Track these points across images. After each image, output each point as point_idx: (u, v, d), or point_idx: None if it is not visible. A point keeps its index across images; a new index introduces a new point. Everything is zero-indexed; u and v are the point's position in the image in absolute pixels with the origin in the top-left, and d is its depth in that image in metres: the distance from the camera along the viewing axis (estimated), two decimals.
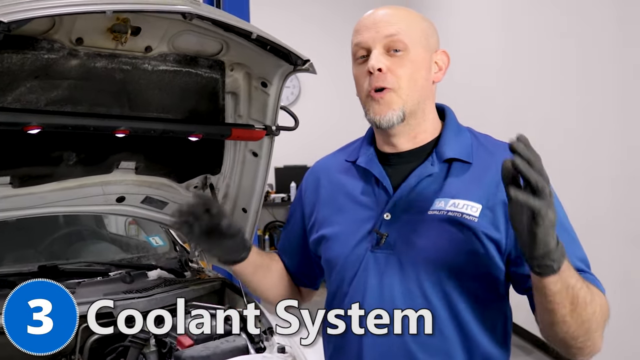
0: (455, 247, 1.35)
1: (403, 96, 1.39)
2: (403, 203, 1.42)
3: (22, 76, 1.97)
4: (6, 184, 2.25)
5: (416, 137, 1.47)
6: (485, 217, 1.35)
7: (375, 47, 1.39)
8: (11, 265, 2.65)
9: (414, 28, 1.41)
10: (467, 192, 1.38)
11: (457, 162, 1.42)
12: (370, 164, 1.49)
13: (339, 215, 1.51)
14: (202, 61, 2.30)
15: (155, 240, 3.17)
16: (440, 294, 1.37)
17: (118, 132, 2.14)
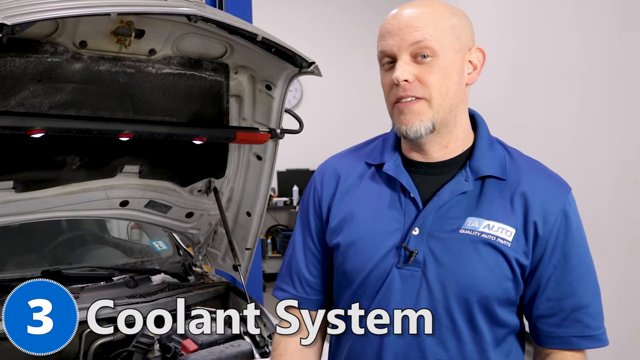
0: (487, 271, 1.30)
1: (434, 106, 1.30)
2: (434, 219, 1.34)
3: (25, 80, 1.96)
4: (9, 189, 2.24)
5: (447, 145, 1.37)
6: (517, 243, 1.31)
7: (401, 55, 1.29)
8: (14, 271, 2.63)
9: (443, 29, 1.29)
10: (501, 214, 1.32)
11: (491, 179, 1.35)
12: (398, 172, 1.38)
13: (360, 224, 1.39)
14: (206, 64, 2.30)
15: (159, 245, 3.15)
16: (465, 315, 1.32)
17: (122, 136, 2.13)
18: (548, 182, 1.36)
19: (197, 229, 2.87)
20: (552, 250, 1.32)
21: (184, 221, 2.80)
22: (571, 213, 1.34)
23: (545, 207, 1.32)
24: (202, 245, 2.93)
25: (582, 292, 1.34)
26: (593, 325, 1.35)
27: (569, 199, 1.35)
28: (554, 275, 1.32)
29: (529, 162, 1.41)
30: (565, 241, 1.32)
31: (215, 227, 2.88)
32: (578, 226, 1.36)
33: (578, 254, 1.34)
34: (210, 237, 2.91)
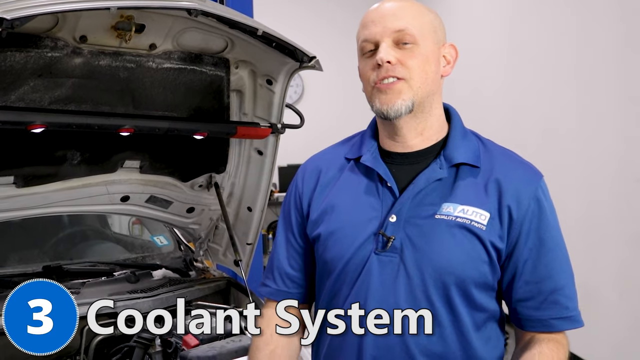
0: (463, 253, 1.33)
1: (414, 87, 1.35)
2: (410, 205, 1.38)
3: (25, 74, 1.96)
4: (10, 184, 2.24)
5: (423, 132, 1.42)
6: (492, 226, 1.34)
7: (384, 40, 1.35)
8: (15, 266, 2.63)
9: (423, 21, 1.37)
10: (476, 199, 1.36)
11: (465, 167, 1.39)
12: (375, 162, 1.43)
13: (339, 214, 1.44)
14: (207, 59, 2.29)
15: (160, 240, 3.15)
16: (444, 299, 1.35)
17: (122, 131, 2.13)
18: (521, 168, 1.41)
19: (198, 224, 2.86)
20: (527, 233, 1.36)
21: (185, 216, 2.80)
22: (544, 198, 1.39)
23: (519, 192, 1.36)
24: (203, 240, 2.93)
25: (558, 274, 1.38)
26: (570, 306, 1.38)
27: (542, 184, 1.40)
28: (530, 259, 1.36)
29: (502, 151, 1.45)
30: (540, 225, 1.36)
31: (217, 222, 2.87)
32: (551, 211, 1.40)
33: (552, 237, 1.38)
34: (212, 232, 2.91)
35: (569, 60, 4.68)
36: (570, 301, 1.39)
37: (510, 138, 5.59)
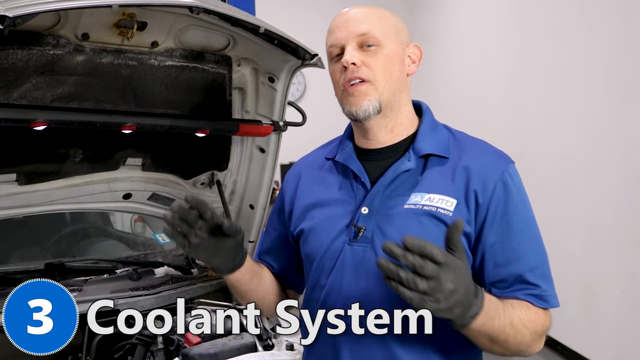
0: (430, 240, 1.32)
1: (379, 87, 1.42)
2: (380, 197, 1.44)
3: (27, 72, 1.96)
4: (12, 181, 2.24)
5: (393, 129, 1.49)
6: (459, 212, 1.39)
7: (349, 44, 1.42)
8: (17, 263, 2.64)
9: (385, 23, 1.45)
10: (442, 187, 1.41)
11: (433, 157, 1.45)
12: (348, 159, 1.51)
13: (318, 210, 1.53)
14: (209, 56, 2.29)
15: (162, 237, 3.15)
16: None
17: (125, 129, 2.13)
18: (488, 155, 1.46)
19: None
20: (493, 217, 1.39)
21: None
22: (510, 182, 1.42)
23: (485, 177, 1.40)
24: None
25: (527, 255, 1.40)
26: (542, 286, 1.40)
27: (509, 169, 1.44)
28: (498, 242, 1.39)
29: (472, 141, 1.51)
30: (506, 208, 1.40)
31: None
32: (520, 194, 1.44)
33: (520, 220, 1.41)
34: None
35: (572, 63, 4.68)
36: (542, 281, 1.41)
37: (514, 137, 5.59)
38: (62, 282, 2.37)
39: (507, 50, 5.72)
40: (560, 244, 4.85)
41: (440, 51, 7.43)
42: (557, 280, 1.38)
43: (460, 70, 6.88)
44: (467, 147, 1.47)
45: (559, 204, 4.86)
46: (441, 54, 7.41)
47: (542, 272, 1.42)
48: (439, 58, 7.48)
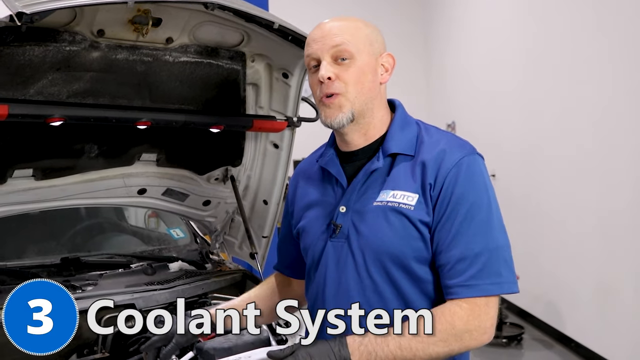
0: (394, 232, 1.50)
1: (351, 99, 1.52)
2: (355, 196, 1.57)
3: (44, 68, 1.98)
4: (29, 177, 2.27)
5: (367, 133, 1.59)
6: (420, 205, 1.49)
7: (324, 57, 1.52)
8: (34, 258, 2.66)
9: (358, 36, 1.53)
10: (405, 183, 1.52)
11: (400, 156, 1.56)
12: (329, 163, 1.64)
13: (309, 210, 1.68)
14: (223, 52, 2.30)
15: (176, 233, 3.17)
16: (384, 275, 1.52)
17: (140, 124, 2.15)
18: (445, 148, 1.53)
19: (214, 217, 2.88)
20: (441, 206, 1.48)
21: (201, 209, 2.82)
22: (461, 173, 1.49)
23: (438, 170, 1.50)
24: (219, 233, 2.94)
25: (468, 244, 1.46)
26: (475, 275, 1.44)
27: (464, 160, 1.50)
28: (443, 230, 1.48)
29: (438, 136, 1.59)
30: (452, 197, 1.48)
31: (232, 215, 2.89)
32: (470, 184, 1.49)
33: (468, 209, 1.47)
34: (227, 225, 2.92)
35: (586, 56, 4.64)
36: (477, 270, 1.45)
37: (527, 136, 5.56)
38: (78, 277, 2.42)
39: (522, 44, 5.70)
40: (576, 241, 4.83)
41: (455, 46, 7.40)
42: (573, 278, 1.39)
43: (475, 64, 6.85)
44: (431, 143, 1.56)
45: (574, 201, 4.83)
46: (456, 49, 7.39)
47: (480, 260, 1.45)
48: (454, 53, 7.46)
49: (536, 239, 5.42)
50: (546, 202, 5.25)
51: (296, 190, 1.77)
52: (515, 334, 5.17)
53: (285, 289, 1.91)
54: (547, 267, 5.25)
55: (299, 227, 1.71)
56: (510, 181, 5.85)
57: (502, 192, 6.01)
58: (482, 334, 1.44)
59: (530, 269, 5.38)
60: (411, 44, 8.14)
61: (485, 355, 4.89)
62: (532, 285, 5.32)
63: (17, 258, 2.65)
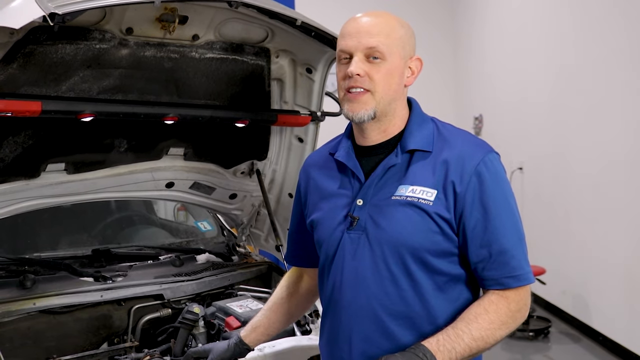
0: (412, 226, 1.55)
1: (377, 98, 1.56)
2: (372, 190, 1.61)
3: (75, 66, 2.04)
4: (61, 170, 2.33)
5: (386, 130, 1.63)
6: (439, 201, 1.55)
7: (357, 54, 1.55)
8: (66, 249, 2.73)
9: (392, 38, 1.56)
10: (424, 179, 1.57)
11: (418, 152, 1.60)
12: (347, 157, 1.67)
13: (324, 202, 1.72)
14: (248, 48, 2.34)
15: (204, 225, 3.23)
16: (401, 266, 1.57)
17: (167, 119, 2.20)
18: (466, 147, 1.59)
19: (241, 210, 2.93)
20: (472, 204, 1.54)
21: (228, 202, 2.87)
22: (485, 171, 1.55)
23: (462, 168, 1.55)
24: (245, 226, 2.99)
25: (504, 237, 1.55)
26: (517, 265, 1.55)
27: (485, 159, 1.57)
28: (478, 226, 1.55)
29: (455, 134, 1.64)
30: (482, 195, 1.54)
31: (258, 208, 2.93)
32: (495, 181, 1.56)
33: (497, 205, 1.55)
34: (254, 218, 2.97)
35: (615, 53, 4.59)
36: (517, 261, 1.55)
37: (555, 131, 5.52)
38: (108, 268, 2.50)
39: (550, 40, 5.65)
40: (603, 235, 4.79)
41: (484, 42, 7.36)
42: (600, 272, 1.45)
43: (503, 59, 6.80)
44: (449, 140, 1.61)
45: (602, 194, 4.79)
46: (485, 45, 7.34)
47: (517, 252, 1.56)
48: (483, 48, 7.42)
49: (564, 233, 5.38)
50: (574, 196, 5.21)
51: (309, 181, 1.80)
52: (542, 327, 5.14)
53: (297, 285, 1.96)
54: (575, 260, 5.22)
55: (313, 219, 1.74)
56: (538, 174, 5.81)
57: (530, 186, 6.04)
58: (525, 312, 1.58)
59: (558, 262, 5.35)
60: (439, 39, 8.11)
61: (513, 348, 4.88)
62: (560, 279, 5.29)
63: (51, 249, 2.73)
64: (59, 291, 2.26)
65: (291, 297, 1.95)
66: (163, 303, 2.44)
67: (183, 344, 2.29)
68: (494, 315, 1.52)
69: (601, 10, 4.77)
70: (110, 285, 2.36)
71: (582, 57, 5.06)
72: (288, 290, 1.95)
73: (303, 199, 1.82)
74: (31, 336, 2.19)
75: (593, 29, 4.89)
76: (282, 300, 1.95)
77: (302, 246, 1.90)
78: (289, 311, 1.95)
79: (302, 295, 1.95)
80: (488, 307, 1.53)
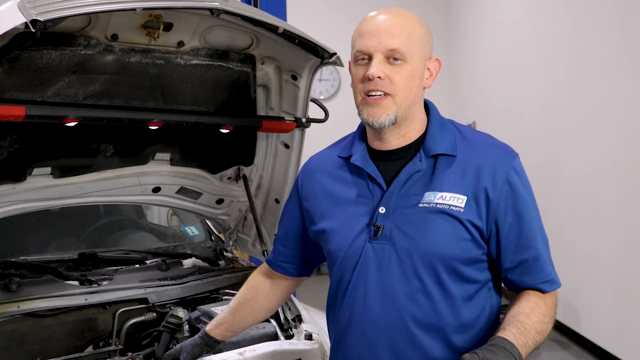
0: (445, 235, 1.49)
1: (398, 102, 1.50)
2: (396, 198, 1.54)
3: (60, 71, 2.06)
4: (47, 175, 2.35)
5: (405, 135, 1.57)
6: (470, 207, 1.49)
7: (376, 55, 1.48)
8: (53, 253, 2.75)
9: (414, 38, 1.50)
10: (453, 185, 1.51)
11: (443, 157, 1.54)
12: (364, 162, 1.59)
13: (337, 210, 1.62)
14: (233, 55, 2.36)
15: (191, 230, 3.24)
16: (433, 276, 1.51)
17: (151, 125, 2.22)
18: (494, 151, 1.55)
19: (228, 215, 2.95)
20: (505, 211, 1.50)
21: (215, 207, 2.89)
22: (516, 177, 1.52)
23: (494, 174, 1.50)
24: (232, 231, 3.01)
25: (537, 242, 1.54)
26: (550, 270, 1.56)
27: (514, 163, 1.53)
28: (512, 232, 1.51)
29: (478, 137, 1.60)
30: (515, 202, 1.51)
31: (245, 213, 2.94)
32: (525, 186, 1.54)
33: (528, 211, 1.53)
34: (240, 223, 2.99)
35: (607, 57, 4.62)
36: (550, 266, 1.57)
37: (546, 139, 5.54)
38: (94, 271, 2.51)
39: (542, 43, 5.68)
40: (593, 243, 4.81)
41: (475, 47, 7.39)
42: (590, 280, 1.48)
43: (495, 65, 6.84)
44: (474, 144, 1.56)
45: (592, 202, 4.82)
46: (476, 50, 7.38)
47: (548, 257, 1.56)
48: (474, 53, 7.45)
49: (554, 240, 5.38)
50: (564, 203, 5.24)
51: (314, 186, 1.70)
52: None
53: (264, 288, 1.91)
54: (564, 268, 5.20)
55: (324, 228, 1.64)
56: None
57: None
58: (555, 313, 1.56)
59: None
60: None
61: None
62: None
63: (39, 253, 2.74)
64: (44, 294, 2.27)
65: (257, 298, 1.91)
66: (148, 307, 2.45)
67: (166, 347, 2.30)
68: (545, 309, 1.50)
69: (594, 19, 4.81)
70: (95, 289, 2.37)
71: (574, 66, 5.10)
72: (255, 291, 1.91)
73: (304, 204, 1.73)
74: (15, 339, 2.20)
75: (586, 38, 4.92)
76: (247, 301, 1.92)
77: (294, 253, 1.83)
78: (252, 311, 1.92)
79: (268, 298, 1.92)
80: (538, 302, 1.50)
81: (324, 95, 7.67)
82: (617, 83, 4.45)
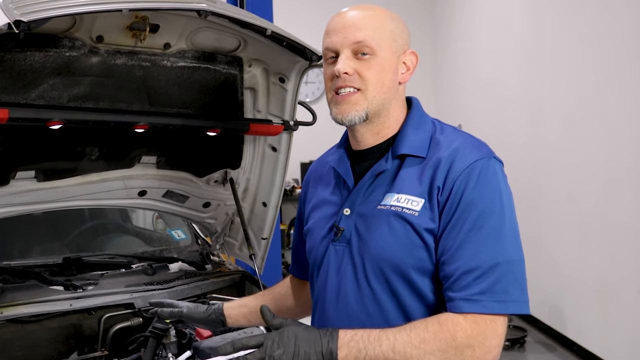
0: (395, 240, 1.40)
1: (369, 97, 1.44)
2: (360, 199, 1.49)
3: (45, 73, 2.02)
4: (31, 178, 2.31)
5: (379, 133, 1.51)
6: (425, 211, 1.38)
7: (343, 51, 1.43)
8: (37, 257, 2.71)
9: (382, 31, 1.43)
10: (411, 186, 1.42)
11: (410, 157, 1.45)
12: (338, 163, 1.56)
13: (315, 211, 1.62)
14: (221, 57, 2.34)
15: (178, 234, 3.21)
16: (383, 284, 1.42)
17: (137, 127, 2.19)
18: (459, 148, 1.41)
19: (214, 219, 2.92)
20: (451, 213, 1.36)
21: (201, 211, 2.86)
22: (473, 176, 1.37)
23: (448, 172, 1.38)
24: (219, 234, 2.99)
25: (475, 255, 1.32)
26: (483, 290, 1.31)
27: (478, 163, 1.38)
28: (449, 237, 1.36)
29: (453, 137, 1.47)
30: (461, 203, 1.35)
31: (232, 217, 2.92)
32: (483, 189, 1.36)
33: (477, 217, 1.34)
34: (227, 226, 2.96)
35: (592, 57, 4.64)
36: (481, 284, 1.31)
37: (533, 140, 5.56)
38: (79, 276, 2.48)
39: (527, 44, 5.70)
40: (578, 244, 4.83)
41: (462, 48, 7.41)
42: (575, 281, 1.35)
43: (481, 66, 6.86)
44: (444, 144, 1.44)
45: (576, 203, 4.84)
46: (462, 51, 7.40)
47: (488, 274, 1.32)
48: (461, 54, 7.47)
49: (539, 242, 5.43)
50: (549, 205, 5.26)
51: (307, 190, 1.71)
52: (518, 336, 5.17)
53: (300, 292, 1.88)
54: (550, 270, 5.26)
55: (306, 229, 1.65)
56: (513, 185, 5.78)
57: None
58: (486, 353, 1.29)
59: (533, 272, 5.36)
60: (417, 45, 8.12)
61: None
62: (535, 289, 5.32)
63: (23, 257, 2.70)
64: (28, 300, 2.24)
65: (290, 297, 1.88)
66: (134, 312, 2.42)
67: (153, 353, 2.27)
68: (430, 336, 1.28)
69: (578, 18, 4.83)
70: (80, 294, 2.34)
71: (559, 69, 5.12)
72: (291, 290, 1.88)
73: (303, 208, 1.74)
74: None
75: (571, 37, 4.94)
76: (281, 296, 1.89)
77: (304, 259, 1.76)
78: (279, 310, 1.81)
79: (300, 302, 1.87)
80: (430, 326, 1.30)
81: (310, 98, 7.66)
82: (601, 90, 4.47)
